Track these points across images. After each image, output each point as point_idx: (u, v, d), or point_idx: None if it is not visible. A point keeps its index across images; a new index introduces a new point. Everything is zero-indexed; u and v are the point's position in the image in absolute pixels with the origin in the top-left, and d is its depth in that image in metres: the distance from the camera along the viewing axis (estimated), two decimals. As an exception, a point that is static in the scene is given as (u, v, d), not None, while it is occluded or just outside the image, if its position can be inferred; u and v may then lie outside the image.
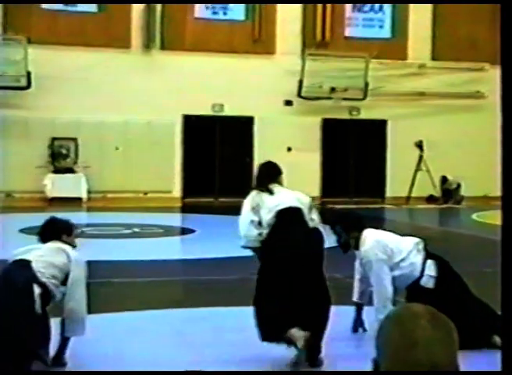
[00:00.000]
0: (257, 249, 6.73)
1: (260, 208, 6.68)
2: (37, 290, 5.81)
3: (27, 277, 5.83)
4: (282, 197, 6.77)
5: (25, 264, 5.95)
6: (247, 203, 6.83)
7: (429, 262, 7.32)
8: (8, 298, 5.79)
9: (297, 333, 6.03)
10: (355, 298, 7.66)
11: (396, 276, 7.18)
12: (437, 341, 1.94)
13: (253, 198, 6.82)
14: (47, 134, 22.86)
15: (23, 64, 22.15)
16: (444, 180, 24.73)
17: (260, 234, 6.64)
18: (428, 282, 7.25)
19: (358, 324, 7.51)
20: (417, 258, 7.32)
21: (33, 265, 5.93)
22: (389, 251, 7.22)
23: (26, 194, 22.21)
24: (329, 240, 7.22)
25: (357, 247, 7.36)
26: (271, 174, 7.08)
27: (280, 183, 7.04)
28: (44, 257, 6.06)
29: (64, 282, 6.02)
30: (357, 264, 7.71)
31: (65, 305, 6.01)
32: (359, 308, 7.58)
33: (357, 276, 7.70)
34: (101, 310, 8.27)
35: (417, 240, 7.57)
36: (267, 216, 6.62)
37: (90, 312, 6.32)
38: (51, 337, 5.91)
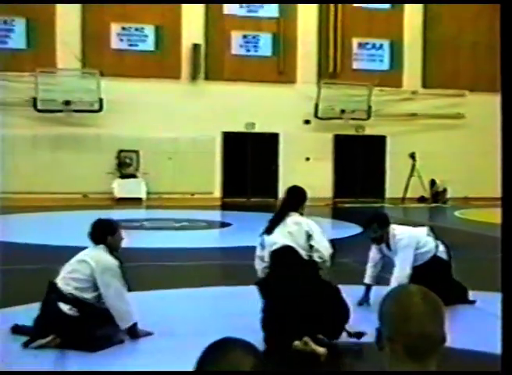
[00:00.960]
0: (259, 287, 6.13)
1: (263, 246, 6.24)
2: (64, 307, 5.81)
3: (54, 299, 5.86)
4: (277, 236, 6.09)
5: (53, 287, 5.95)
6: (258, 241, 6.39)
7: (439, 242, 7.72)
8: (49, 314, 5.85)
9: (318, 349, 5.57)
10: (367, 280, 7.63)
11: (417, 255, 7.41)
12: (427, 315, 1.93)
13: (260, 236, 6.33)
14: (115, 147, 22.99)
15: (96, 92, 22.31)
16: (433, 182, 24.59)
17: (265, 268, 6.19)
18: (441, 255, 7.65)
19: (364, 300, 7.45)
20: (431, 242, 7.61)
21: (59, 285, 5.93)
22: (418, 243, 7.47)
23: (99, 195, 22.30)
24: (335, 232, 7.15)
25: (383, 239, 7.51)
26: (293, 204, 6.46)
27: (301, 211, 6.42)
28: (69, 273, 6.03)
29: (96, 286, 5.97)
30: (371, 253, 7.74)
31: (106, 306, 5.98)
32: (368, 288, 7.52)
33: (370, 263, 7.72)
34: (156, 287, 8.30)
35: (426, 228, 7.89)
36: (266, 254, 6.16)
37: (150, 289, 6.29)
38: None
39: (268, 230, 6.20)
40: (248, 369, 1.71)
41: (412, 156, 24.64)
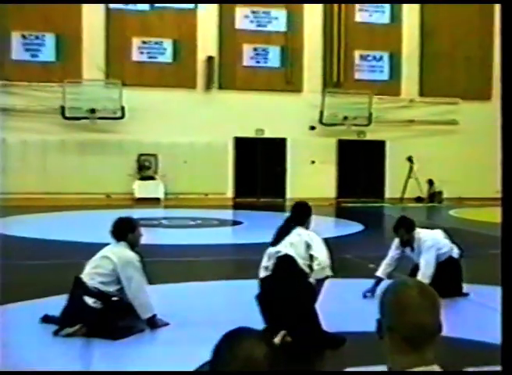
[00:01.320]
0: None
1: (269, 256, 6.07)
2: (89, 300, 5.85)
3: (79, 294, 5.89)
4: (280, 246, 6.00)
5: (78, 282, 6.00)
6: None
7: (453, 244, 7.87)
8: (76, 307, 5.88)
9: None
10: (379, 273, 7.60)
11: (438, 255, 7.52)
12: (423, 307, 1.93)
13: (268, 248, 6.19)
14: (135, 151, 23.02)
15: (118, 101, 22.33)
16: (431, 182, 24.52)
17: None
18: (456, 256, 7.80)
19: (370, 291, 7.38)
20: (448, 244, 7.77)
21: (84, 279, 5.97)
22: (440, 245, 7.63)
23: (120, 195, 22.33)
24: (339, 229, 7.13)
25: (410, 242, 7.60)
26: (298, 219, 6.27)
27: (307, 225, 6.31)
28: (93, 269, 6.07)
29: (119, 280, 5.99)
30: (391, 252, 7.77)
31: (128, 298, 5.99)
32: (378, 281, 7.45)
33: (387, 261, 7.70)
34: (174, 281, 8.30)
35: (441, 231, 8.05)
36: (271, 264, 6.03)
37: (167, 282, 6.31)
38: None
39: (274, 243, 6.13)
40: (261, 356, 1.72)
41: (410, 159, 24.58)
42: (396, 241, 7.71)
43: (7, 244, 11.47)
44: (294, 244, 5.97)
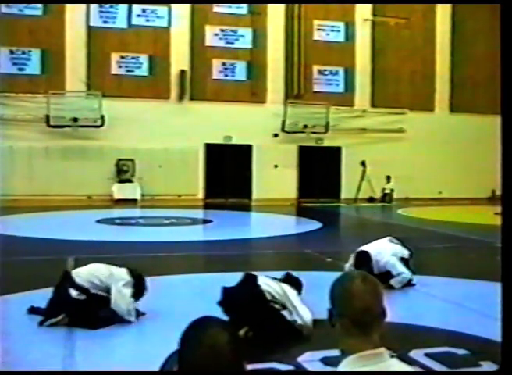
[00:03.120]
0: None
1: None
2: (73, 292, 5.80)
3: (65, 287, 5.85)
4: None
5: (66, 275, 5.98)
6: None
7: (403, 247, 7.95)
8: (60, 298, 5.83)
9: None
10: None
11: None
12: (367, 292, 1.97)
13: None
14: (114, 157, 22.84)
15: (98, 110, 22.16)
16: (388, 178, 24.61)
17: None
18: (406, 256, 7.85)
19: None
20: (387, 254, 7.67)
21: (73, 275, 5.95)
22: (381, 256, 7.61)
23: (101, 197, 22.19)
24: (299, 227, 7.16)
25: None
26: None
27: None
28: (91, 272, 6.04)
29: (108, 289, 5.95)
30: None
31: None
32: None
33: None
34: (149, 274, 8.25)
35: (387, 238, 8.04)
36: None
37: (146, 275, 6.30)
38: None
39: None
40: (225, 342, 1.72)
41: (363, 164, 24.80)
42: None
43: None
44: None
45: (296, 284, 6.01)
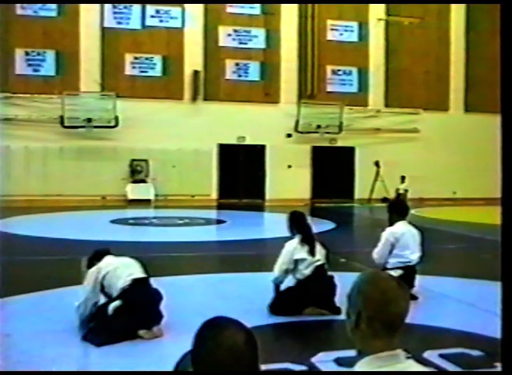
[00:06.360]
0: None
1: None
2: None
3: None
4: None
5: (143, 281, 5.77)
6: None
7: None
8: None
9: (322, 311, 6.02)
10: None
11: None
12: (403, 298, 1.95)
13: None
14: (128, 157, 22.93)
15: (112, 111, 22.25)
16: (403, 178, 24.37)
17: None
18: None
19: None
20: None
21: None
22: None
23: (115, 197, 22.27)
24: (313, 227, 7.18)
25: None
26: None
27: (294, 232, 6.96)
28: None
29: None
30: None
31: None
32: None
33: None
34: (163, 274, 8.27)
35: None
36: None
37: (157, 276, 6.28)
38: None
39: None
40: (242, 343, 1.70)
41: (376, 164, 24.70)
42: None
43: (11, 243, 11.40)
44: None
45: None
